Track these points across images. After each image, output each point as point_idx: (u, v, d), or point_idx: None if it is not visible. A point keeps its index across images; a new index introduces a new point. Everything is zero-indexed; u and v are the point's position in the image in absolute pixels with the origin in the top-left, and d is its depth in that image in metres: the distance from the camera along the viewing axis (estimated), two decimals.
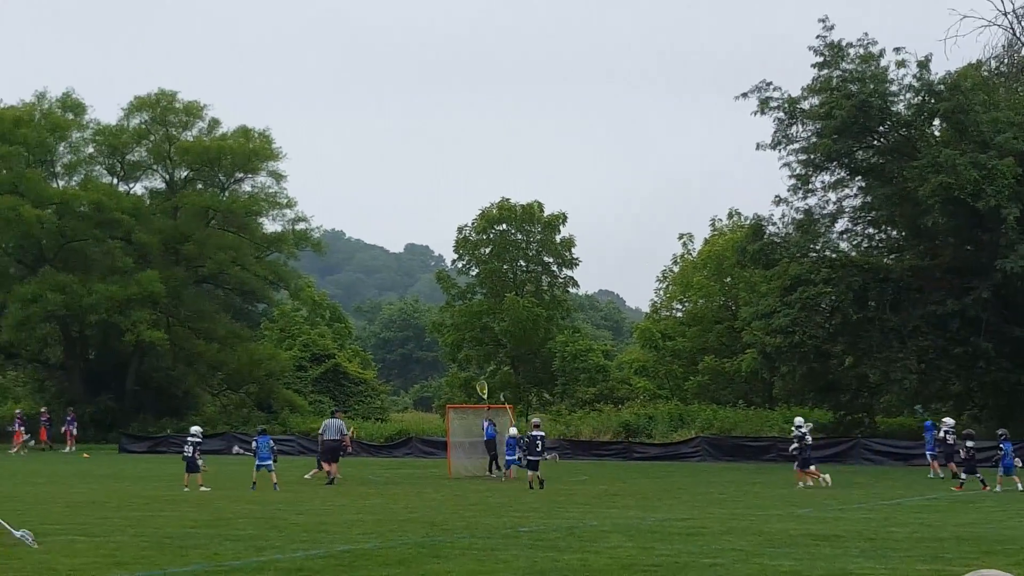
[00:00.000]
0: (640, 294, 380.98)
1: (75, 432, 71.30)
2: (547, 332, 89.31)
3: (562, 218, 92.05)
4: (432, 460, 61.40)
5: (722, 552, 21.36)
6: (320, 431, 45.29)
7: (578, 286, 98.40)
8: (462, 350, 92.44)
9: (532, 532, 24.61)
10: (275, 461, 38.37)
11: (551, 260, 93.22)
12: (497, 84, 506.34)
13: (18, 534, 24.04)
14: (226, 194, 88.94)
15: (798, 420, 42.62)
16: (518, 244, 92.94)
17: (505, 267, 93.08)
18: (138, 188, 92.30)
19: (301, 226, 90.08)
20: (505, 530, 25.11)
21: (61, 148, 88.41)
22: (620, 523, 27.03)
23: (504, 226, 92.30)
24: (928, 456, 47.74)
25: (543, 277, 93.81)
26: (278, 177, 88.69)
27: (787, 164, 67.99)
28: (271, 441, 39.16)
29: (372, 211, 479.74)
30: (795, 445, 41.36)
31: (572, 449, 66.26)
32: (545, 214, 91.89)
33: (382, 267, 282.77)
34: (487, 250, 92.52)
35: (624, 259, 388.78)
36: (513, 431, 43.50)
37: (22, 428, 69.82)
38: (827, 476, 39.95)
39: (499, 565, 19.26)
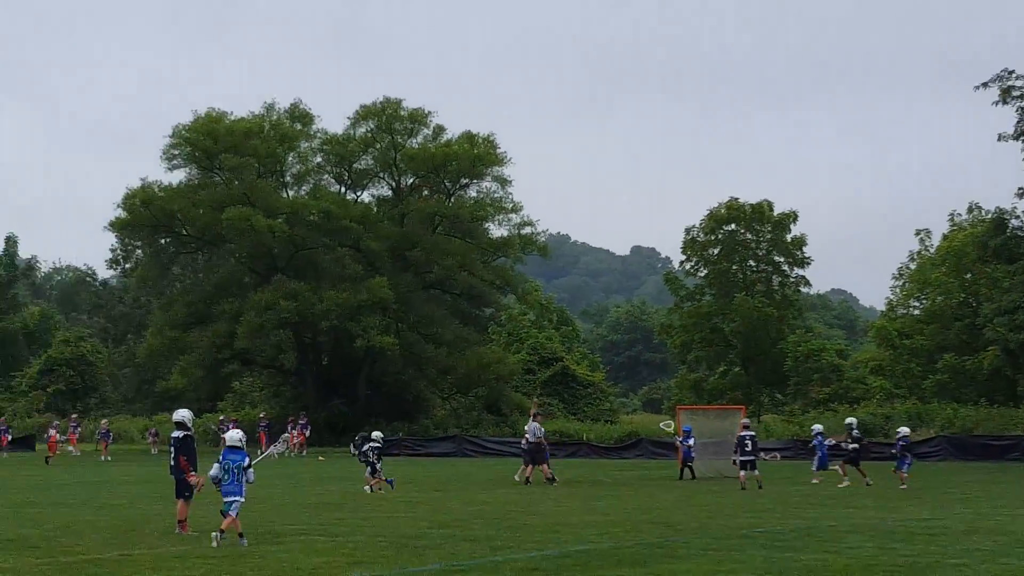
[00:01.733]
0: (874, 292, 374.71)
1: (307, 434, 72.64)
2: (778, 332, 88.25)
3: (793, 217, 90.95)
4: (662, 461, 60.99)
5: (967, 552, 20.73)
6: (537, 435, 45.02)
7: (810, 285, 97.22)
8: (691, 351, 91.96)
9: (768, 533, 24.20)
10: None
11: (781, 259, 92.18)
12: (726, 84, 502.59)
13: (269, 451, 24.56)
14: (452, 200, 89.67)
15: None
16: (747, 244, 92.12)
17: (734, 267, 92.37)
18: (365, 196, 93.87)
19: (527, 230, 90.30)
20: (741, 531, 24.73)
21: (290, 158, 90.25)
22: (859, 523, 26.44)
23: (733, 226, 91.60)
24: None
25: (773, 277, 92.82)
26: (503, 182, 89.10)
27: None
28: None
29: (598, 214, 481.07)
30: None
31: (805, 450, 65.16)
32: (775, 213, 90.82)
33: (608, 270, 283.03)
34: (716, 251, 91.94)
35: (857, 257, 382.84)
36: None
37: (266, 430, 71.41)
38: None
39: (736, 565, 18.94)
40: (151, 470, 48.22)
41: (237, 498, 22.53)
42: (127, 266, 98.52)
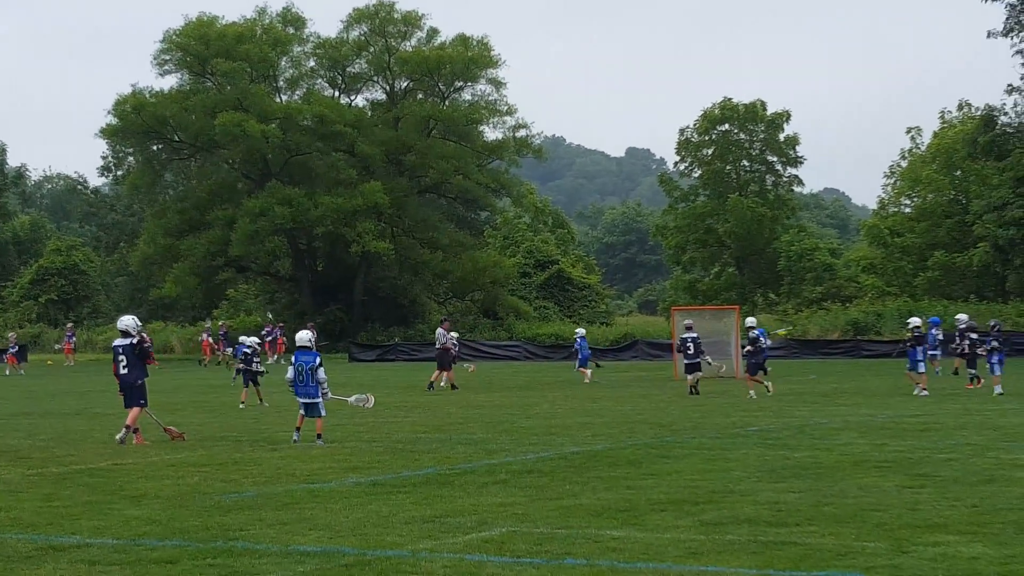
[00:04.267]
0: (866, 191, 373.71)
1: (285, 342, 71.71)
2: (772, 232, 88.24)
3: (786, 116, 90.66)
4: (658, 363, 61.15)
5: (957, 447, 20.89)
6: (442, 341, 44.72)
7: (803, 185, 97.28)
8: (686, 252, 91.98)
9: (761, 431, 24.30)
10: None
11: (775, 159, 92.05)
12: None
13: (352, 400, 24.65)
14: (446, 103, 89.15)
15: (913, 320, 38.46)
16: (741, 144, 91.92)
17: (728, 168, 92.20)
18: (359, 100, 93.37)
19: (522, 133, 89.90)
20: (734, 430, 24.83)
21: (283, 63, 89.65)
22: (851, 421, 26.58)
23: (727, 126, 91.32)
24: None
25: (767, 177, 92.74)
26: (498, 85, 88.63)
27: (1020, 51, 65.48)
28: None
29: (592, 116, 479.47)
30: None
31: (799, 348, 65.41)
32: (768, 113, 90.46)
33: (603, 172, 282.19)
34: (710, 151, 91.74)
35: (850, 156, 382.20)
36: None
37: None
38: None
39: (730, 463, 19.02)
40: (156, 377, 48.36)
41: (317, 399, 22.85)
42: (119, 173, 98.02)
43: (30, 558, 12.21)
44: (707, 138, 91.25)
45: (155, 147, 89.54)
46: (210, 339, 69.13)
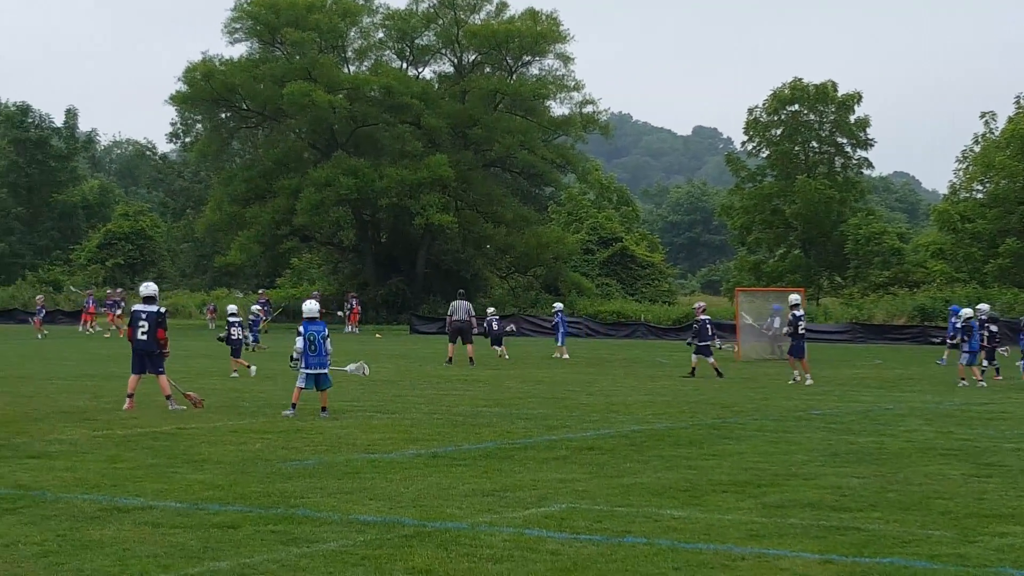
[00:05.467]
0: (937, 176, 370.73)
1: (359, 311, 71.81)
2: (839, 215, 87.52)
3: (857, 97, 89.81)
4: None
5: None
6: (449, 313, 44.64)
7: (872, 167, 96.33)
8: (751, 233, 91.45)
9: (825, 415, 24.13)
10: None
11: (844, 141, 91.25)
12: None
13: (350, 369, 24.67)
14: (514, 77, 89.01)
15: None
16: (810, 125, 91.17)
17: (797, 148, 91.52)
18: (427, 72, 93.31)
19: (588, 109, 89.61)
20: (797, 412, 24.69)
21: (352, 33, 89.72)
22: (916, 407, 26.36)
23: (796, 107, 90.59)
24: None
25: (836, 158, 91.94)
26: (566, 60, 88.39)
27: None
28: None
29: (660, 93, 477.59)
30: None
31: (864, 333, 64.98)
32: (839, 94, 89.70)
33: (669, 150, 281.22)
34: (778, 131, 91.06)
35: (921, 140, 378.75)
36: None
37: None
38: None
39: (793, 447, 18.90)
40: (208, 345, 48.44)
41: (326, 370, 22.81)
42: (187, 140, 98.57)
43: (95, 518, 12.31)
44: (776, 118, 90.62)
45: (223, 115, 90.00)
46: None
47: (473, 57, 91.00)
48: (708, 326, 36.22)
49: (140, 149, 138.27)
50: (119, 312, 63.30)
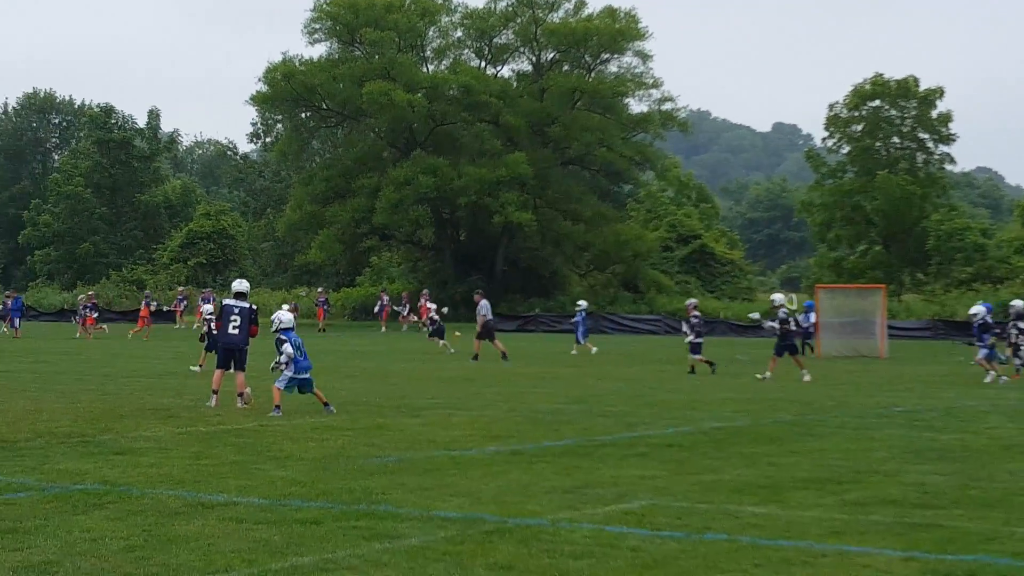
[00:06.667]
0: (1022, 171, 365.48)
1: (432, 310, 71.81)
2: (921, 211, 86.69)
3: (939, 93, 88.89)
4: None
5: None
6: (483, 312, 44.61)
7: (955, 163, 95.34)
8: (832, 230, 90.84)
9: (907, 412, 23.99)
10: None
11: (926, 136, 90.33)
12: None
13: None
14: (592, 75, 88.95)
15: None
16: (892, 121, 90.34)
17: (878, 144, 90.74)
18: (505, 71, 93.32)
19: (667, 106, 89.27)
20: (879, 410, 24.55)
21: (431, 33, 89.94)
22: (1000, 404, 26.12)
23: (877, 102, 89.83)
24: None
25: (917, 154, 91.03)
26: (644, 57, 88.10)
27: None
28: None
29: (739, 90, 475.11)
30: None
31: (946, 330, 64.36)
32: (921, 89, 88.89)
33: (749, 147, 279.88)
34: (859, 127, 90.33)
35: (1005, 135, 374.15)
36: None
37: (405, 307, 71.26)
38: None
39: (874, 444, 18.81)
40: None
41: (308, 375, 23.01)
42: (268, 140, 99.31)
43: (180, 514, 12.47)
44: (857, 114, 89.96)
45: (303, 115, 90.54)
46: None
47: (551, 55, 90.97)
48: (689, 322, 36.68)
49: (221, 149, 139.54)
50: (95, 315, 61.09)
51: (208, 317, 34.72)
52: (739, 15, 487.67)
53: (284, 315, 23.49)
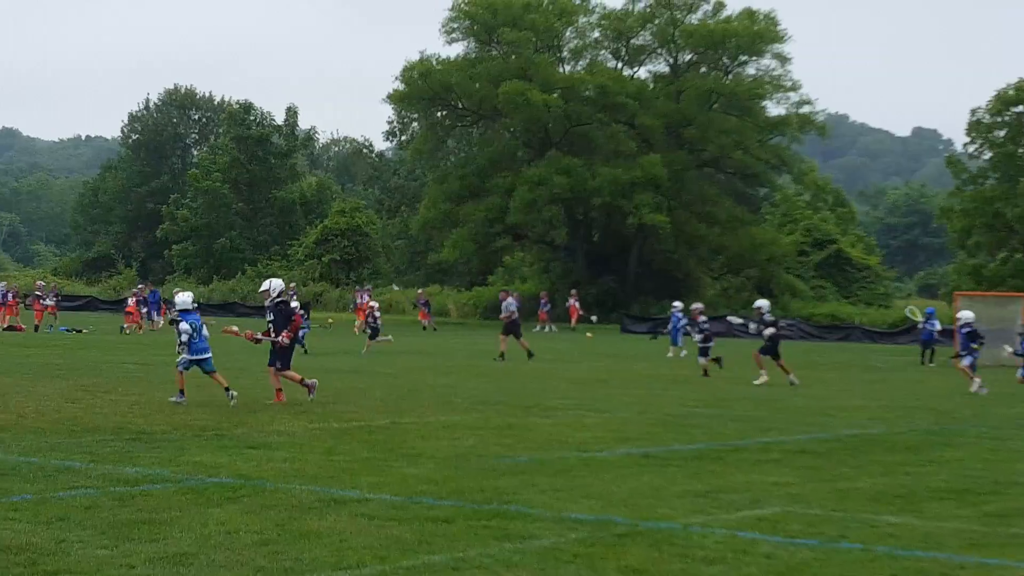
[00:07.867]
0: None
1: (580, 310, 71.94)
2: None
3: None
4: (938, 348, 59.48)
5: None
6: (511, 309, 44.14)
7: None
8: (972, 236, 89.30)
9: None
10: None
11: None
12: None
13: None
14: (730, 77, 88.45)
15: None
16: None
17: (1021, 151, 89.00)
18: (642, 72, 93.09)
19: (805, 109, 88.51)
20: (1018, 420, 24.09)
21: (568, 33, 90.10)
22: None
23: (1021, 108, 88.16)
24: None
25: None
26: (783, 60, 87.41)
27: None
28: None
29: (878, 94, 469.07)
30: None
31: None
32: None
33: (887, 151, 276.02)
34: (1002, 133, 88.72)
35: None
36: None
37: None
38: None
39: (1013, 454, 18.51)
40: (425, 341, 49.07)
41: (209, 355, 23.47)
42: (403, 138, 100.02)
43: (313, 509, 12.56)
44: (1000, 119, 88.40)
45: (439, 113, 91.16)
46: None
47: (689, 57, 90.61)
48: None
49: (357, 147, 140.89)
50: (49, 304, 58.28)
51: (376, 314, 35.51)
52: (878, 17, 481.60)
53: (182, 297, 24.49)
